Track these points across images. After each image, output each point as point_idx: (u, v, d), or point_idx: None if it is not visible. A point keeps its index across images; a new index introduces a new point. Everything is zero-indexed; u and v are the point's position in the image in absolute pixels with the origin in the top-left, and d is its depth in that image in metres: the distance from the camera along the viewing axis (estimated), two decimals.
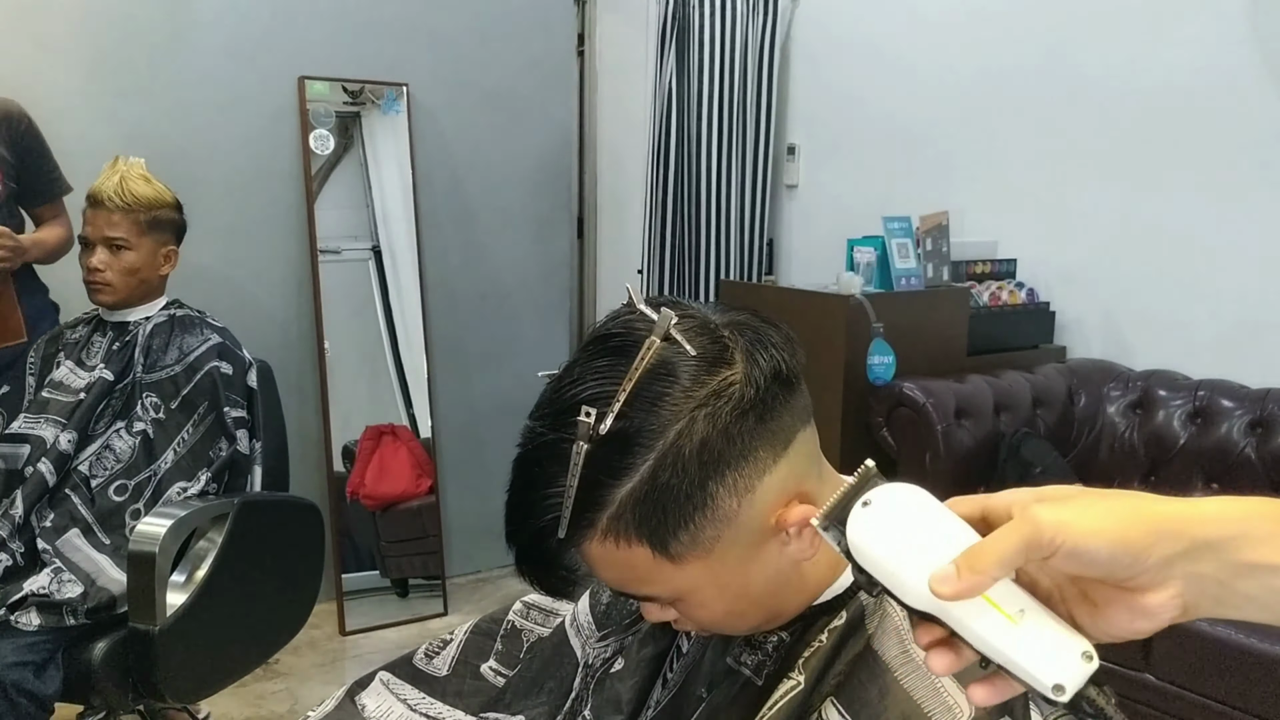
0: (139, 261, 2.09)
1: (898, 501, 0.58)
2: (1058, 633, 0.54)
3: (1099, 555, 0.52)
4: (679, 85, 3.76)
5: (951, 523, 0.57)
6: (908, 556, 0.56)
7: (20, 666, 1.77)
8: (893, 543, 0.57)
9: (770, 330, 0.73)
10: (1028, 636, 0.54)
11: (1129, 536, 0.53)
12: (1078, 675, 0.53)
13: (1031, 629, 0.54)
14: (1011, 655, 0.54)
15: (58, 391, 2.10)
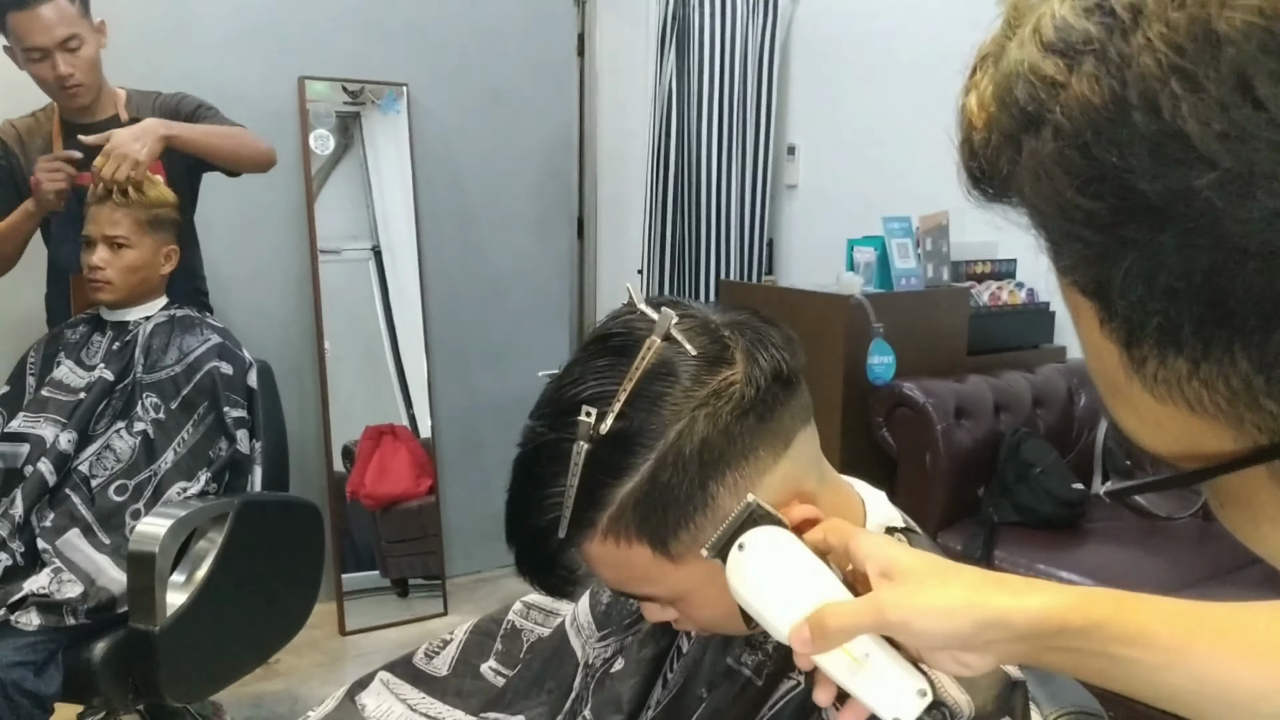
0: (140, 260, 2.10)
1: (769, 548, 0.66)
2: (897, 674, 0.63)
3: (934, 641, 0.62)
4: (679, 85, 3.75)
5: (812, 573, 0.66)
6: (774, 603, 0.65)
7: (20, 666, 1.77)
8: (761, 589, 0.66)
9: (770, 330, 0.73)
10: (871, 677, 0.63)
11: (960, 629, 0.61)
12: (912, 710, 0.63)
13: (874, 670, 0.63)
14: (858, 692, 0.63)
15: (57, 391, 2.10)
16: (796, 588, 0.65)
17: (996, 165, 0.38)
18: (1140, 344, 0.36)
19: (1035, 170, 0.35)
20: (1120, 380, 0.38)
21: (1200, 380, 0.35)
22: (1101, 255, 0.35)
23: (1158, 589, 2.04)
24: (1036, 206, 0.37)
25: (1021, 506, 2.54)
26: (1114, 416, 0.41)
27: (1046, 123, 0.35)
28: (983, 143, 0.39)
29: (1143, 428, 0.39)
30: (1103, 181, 0.33)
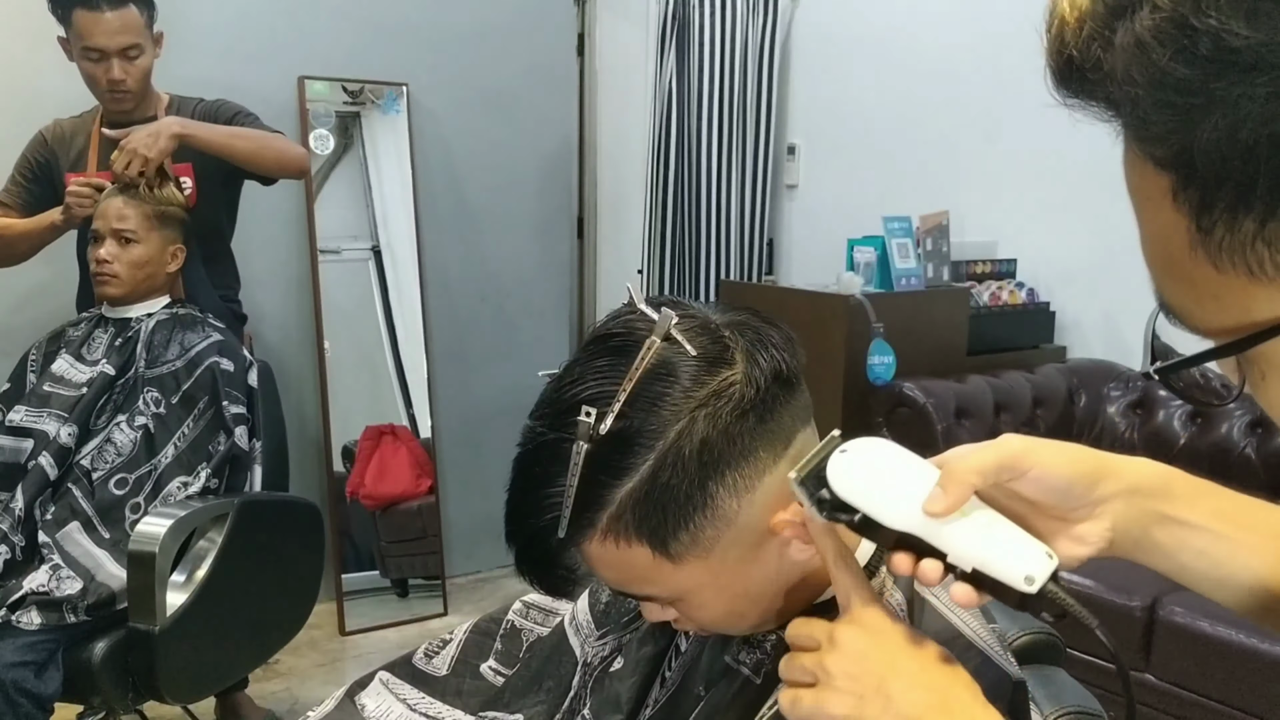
0: (146, 255, 2.11)
1: (871, 447, 0.67)
2: (1022, 537, 0.63)
3: (1059, 481, 0.63)
4: (679, 85, 3.76)
5: (919, 461, 0.67)
6: (890, 486, 0.64)
7: (20, 666, 1.77)
8: (875, 477, 0.65)
9: (771, 330, 0.73)
10: (998, 539, 0.62)
11: (1082, 470, 0.63)
12: (1043, 569, 0.61)
13: (1000, 535, 0.62)
14: (986, 556, 0.61)
15: (59, 386, 2.10)
16: (910, 471, 0.65)
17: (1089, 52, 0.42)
18: (1212, 209, 0.40)
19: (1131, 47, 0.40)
20: (1183, 255, 0.42)
21: (1264, 240, 0.39)
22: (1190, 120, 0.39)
23: (1158, 589, 2.04)
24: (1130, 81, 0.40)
25: None
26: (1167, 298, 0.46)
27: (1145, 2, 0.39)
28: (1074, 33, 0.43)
29: (1198, 303, 0.44)
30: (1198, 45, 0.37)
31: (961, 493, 0.62)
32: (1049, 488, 0.63)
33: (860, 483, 0.64)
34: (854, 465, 0.65)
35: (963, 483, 0.62)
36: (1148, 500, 0.64)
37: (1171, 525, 0.64)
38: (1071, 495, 0.63)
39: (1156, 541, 0.65)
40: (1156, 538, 0.64)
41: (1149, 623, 2.16)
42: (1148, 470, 0.65)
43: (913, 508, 0.63)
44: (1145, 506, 0.64)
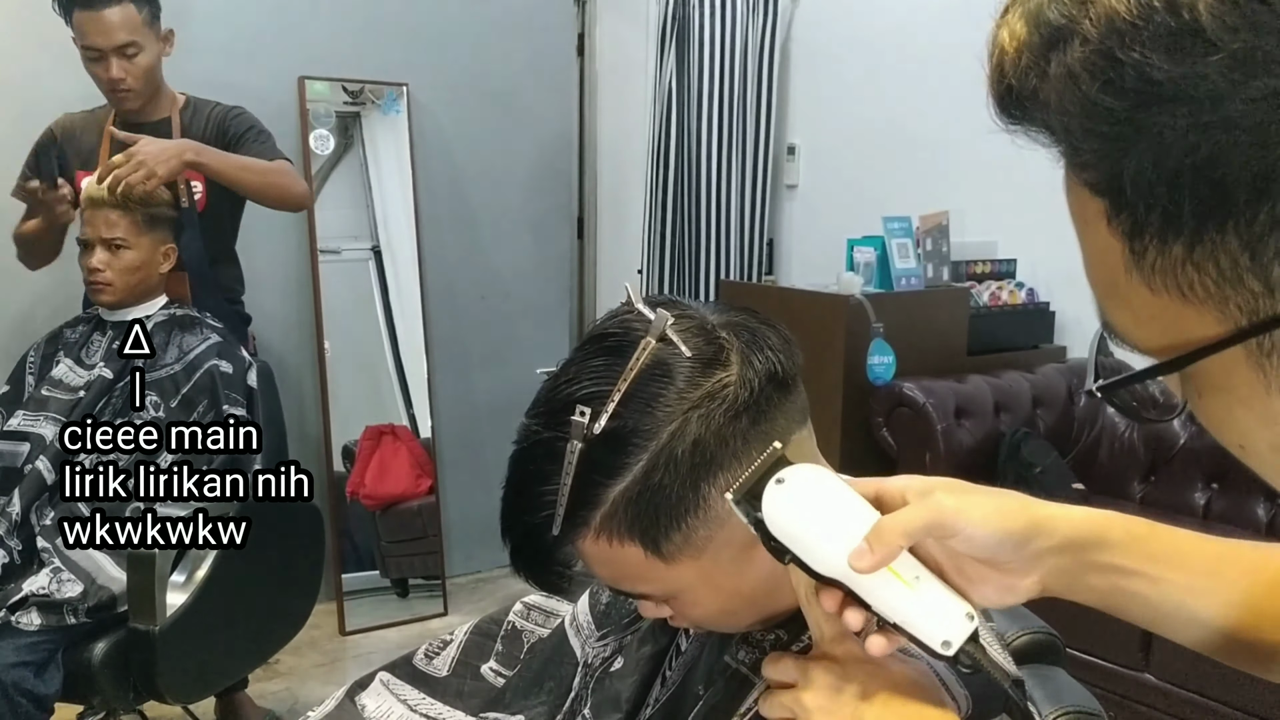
0: (139, 260, 2.10)
1: (808, 480, 0.65)
2: (946, 597, 0.63)
3: (988, 541, 0.63)
4: (679, 85, 3.76)
5: (855, 501, 0.65)
6: (819, 530, 0.63)
7: (21, 667, 1.77)
8: (805, 518, 0.64)
9: (768, 332, 0.73)
10: (921, 601, 0.63)
11: (1013, 528, 0.63)
12: (960, 633, 0.62)
13: (924, 594, 0.63)
14: (907, 616, 0.62)
15: (57, 390, 2.10)
16: (842, 514, 0.64)
17: (1025, 81, 0.43)
18: (1143, 233, 0.41)
19: (1063, 77, 0.41)
20: (1119, 277, 0.44)
21: (1194, 264, 0.40)
22: (1118, 148, 0.40)
23: None
24: (1061, 110, 0.42)
25: None
26: (1108, 318, 0.48)
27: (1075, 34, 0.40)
28: (1013, 63, 0.44)
29: (1135, 323, 0.45)
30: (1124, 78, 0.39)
31: (887, 554, 0.62)
32: (979, 546, 0.63)
33: (793, 521, 0.64)
34: (790, 500, 0.64)
35: (890, 544, 0.62)
36: (1082, 553, 0.64)
37: (1106, 572, 0.65)
38: (1002, 553, 0.63)
39: (1090, 586, 0.66)
40: (1091, 583, 0.65)
41: None
42: (1083, 523, 0.65)
43: (842, 555, 0.63)
44: (1079, 559, 0.64)
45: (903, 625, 0.63)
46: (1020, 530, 0.63)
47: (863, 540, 0.62)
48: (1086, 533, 0.64)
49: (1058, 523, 0.64)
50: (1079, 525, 0.65)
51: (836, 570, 0.63)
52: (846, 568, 0.62)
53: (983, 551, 0.63)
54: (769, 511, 0.64)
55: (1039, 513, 0.64)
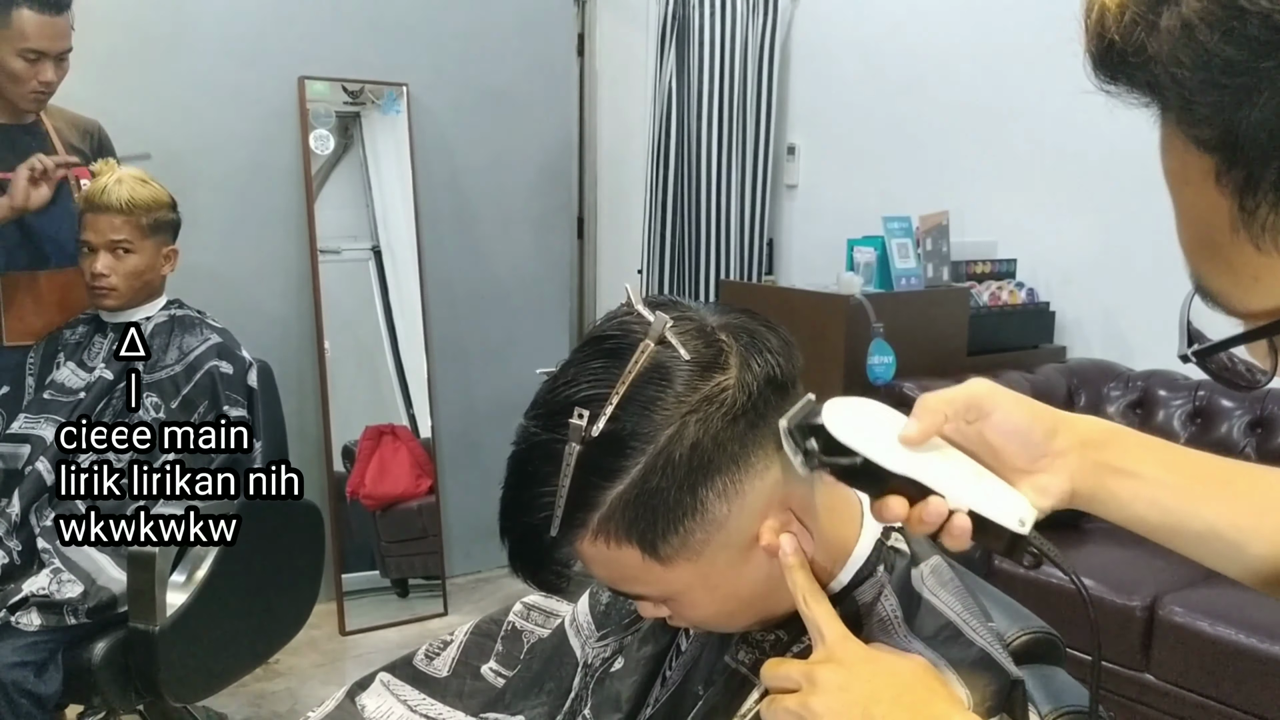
0: (142, 264, 2.10)
1: (856, 403, 0.70)
2: (1007, 487, 0.68)
3: (1019, 425, 0.68)
4: (679, 85, 3.76)
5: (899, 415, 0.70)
6: (881, 436, 0.67)
7: (20, 667, 1.77)
8: (866, 427, 0.68)
9: (767, 334, 0.73)
10: (990, 488, 0.67)
11: (1039, 419, 0.69)
12: (1030, 514, 0.66)
13: (989, 482, 0.68)
14: (979, 499, 0.66)
15: (58, 393, 2.10)
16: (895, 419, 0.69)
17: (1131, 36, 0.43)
18: (1256, 189, 0.41)
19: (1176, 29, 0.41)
20: (1223, 238, 0.43)
21: None
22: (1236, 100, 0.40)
23: (1158, 589, 2.05)
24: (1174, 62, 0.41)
25: None
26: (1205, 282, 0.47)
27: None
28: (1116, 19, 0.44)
29: (1237, 285, 0.44)
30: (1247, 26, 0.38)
31: (934, 420, 0.67)
32: (1010, 431, 0.68)
33: (857, 431, 0.67)
34: (848, 415, 0.68)
35: (934, 411, 0.67)
36: (1099, 452, 0.68)
37: (1124, 477, 0.68)
38: (1031, 442, 0.68)
39: (1112, 492, 0.69)
40: (1111, 488, 0.69)
41: (1149, 622, 2.16)
42: (1097, 425, 0.70)
43: (908, 454, 0.66)
44: (1098, 459, 0.68)
45: (977, 509, 0.65)
46: (1045, 421, 0.68)
47: (910, 417, 0.67)
48: (1102, 434, 0.69)
49: (1077, 421, 0.70)
50: (1095, 427, 0.70)
51: (909, 467, 0.66)
52: (918, 463, 0.66)
53: (1012, 440, 0.68)
54: (834, 425, 0.67)
55: (1060, 413, 0.70)
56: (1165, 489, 0.68)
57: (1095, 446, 0.69)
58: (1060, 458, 0.68)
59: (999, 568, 2.45)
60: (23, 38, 2.16)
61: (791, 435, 0.68)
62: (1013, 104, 3.19)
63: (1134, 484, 0.68)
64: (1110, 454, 0.68)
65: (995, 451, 0.69)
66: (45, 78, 2.20)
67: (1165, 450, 0.70)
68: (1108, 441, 0.69)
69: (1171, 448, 0.71)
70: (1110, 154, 2.97)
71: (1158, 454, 0.70)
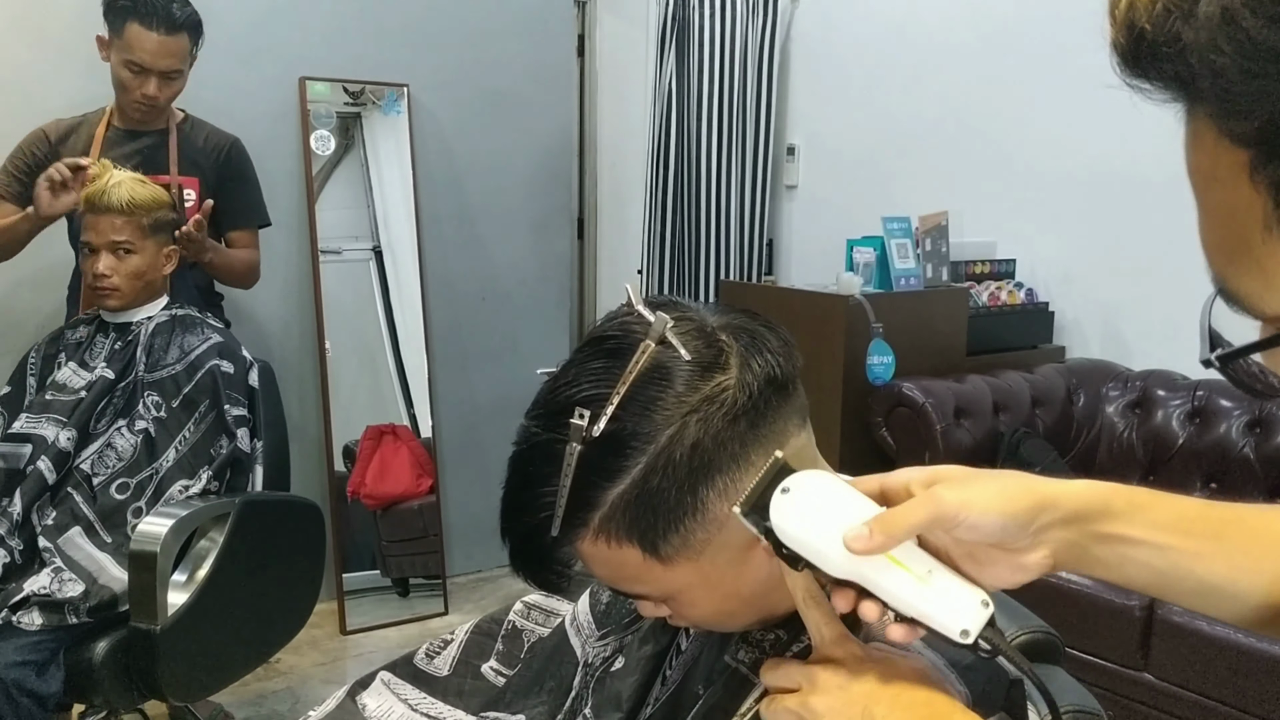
0: (144, 264, 2.10)
1: (813, 487, 0.66)
2: (959, 586, 0.64)
3: (992, 528, 0.63)
4: (679, 85, 3.76)
5: (860, 502, 0.66)
6: (830, 535, 0.64)
7: (22, 666, 1.77)
8: (814, 522, 0.64)
9: (768, 334, 0.73)
10: (935, 592, 0.64)
11: (1016, 510, 0.63)
12: (978, 621, 0.63)
13: (938, 586, 0.64)
14: (924, 609, 0.63)
15: (60, 393, 2.10)
16: (849, 516, 0.64)
17: (1164, 26, 0.41)
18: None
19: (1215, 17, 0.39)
20: (1254, 236, 0.41)
21: None
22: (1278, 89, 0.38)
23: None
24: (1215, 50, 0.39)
25: None
26: (1231, 284, 0.44)
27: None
28: (1148, 8, 0.42)
29: (1268, 288, 0.42)
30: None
31: (886, 543, 0.63)
32: (985, 534, 0.64)
33: (803, 529, 0.65)
34: (797, 508, 0.65)
35: (890, 536, 0.63)
36: (1087, 524, 0.65)
37: (1113, 543, 0.66)
38: (1008, 536, 0.64)
39: (1098, 558, 0.67)
40: (1098, 555, 0.66)
41: (1148, 622, 2.16)
42: (1086, 495, 0.66)
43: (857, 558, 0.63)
44: (1085, 530, 0.65)
45: (920, 619, 0.64)
46: (1025, 511, 0.63)
47: (863, 524, 0.63)
48: (1090, 504, 0.65)
49: (1061, 497, 0.65)
50: (1082, 497, 0.65)
51: (851, 572, 0.64)
52: (860, 568, 0.64)
53: (989, 538, 0.64)
54: (779, 522, 0.65)
55: (1042, 490, 0.64)
56: (1155, 551, 0.66)
57: (1083, 519, 0.66)
58: (1044, 533, 0.65)
59: None
60: (130, 50, 2.29)
61: (748, 517, 0.66)
62: (1012, 104, 3.19)
63: (1122, 548, 0.66)
64: (1098, 524, 0.66)
65: (969, 549, 0.66)
66: (148, 91, 2.33)
67: (1155, 509, 0.67)
68: (1096, 511, 0.66)
69: (1161, 503, 0.67)
70: (1110, 154, 2.97)
71: (1147, 514, 0.67)
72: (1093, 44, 1.83)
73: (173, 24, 2.29)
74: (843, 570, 0.64)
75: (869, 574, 0.64)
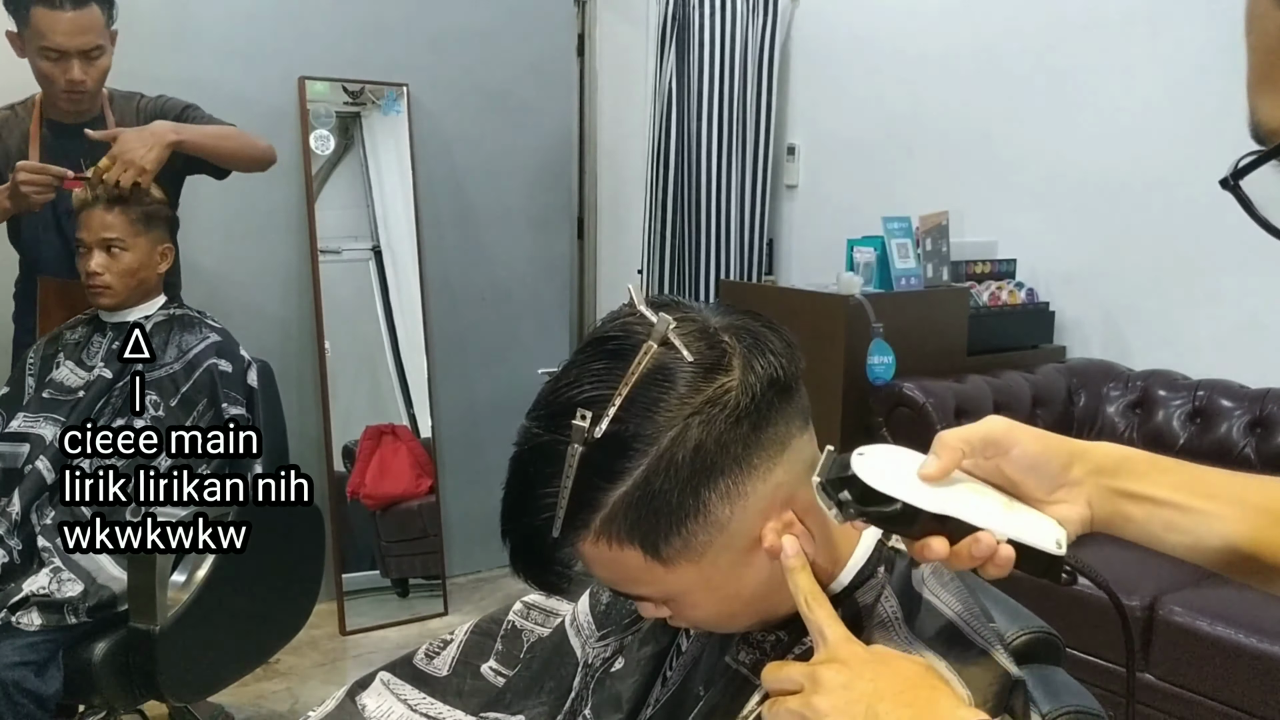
0: (136, 261, 2.09)
1: (882, 450, 0.71)
2: (1037, 514, 0.70)
3: (1037, 460, 0.70)
4: (679, 85, 3.76)
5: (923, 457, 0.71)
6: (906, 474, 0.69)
7: (21, 666, 1.77)
8: (896, 472, 0.69)
9: (770, 335, 0.73)
10: (1020, 516, 0.70)
11: (1055, 452, 0.70)
12: (1063, 534, 0.69)
13: (1020, 511, 0.70)
14: (1016, 529, 0.68)
15: (58, 392, 2.10)
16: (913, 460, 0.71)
17: None
18: None
19: None
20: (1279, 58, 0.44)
21: None
22: None
23: (1158, 589, 2.05)
24: None
25: None
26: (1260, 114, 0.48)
27: None
28: None
29: None
30: None
31: (952, 457, 0.69)
32: (1029, 466, 0.70)
33: (887, 477, 0.68)
34: (875, 463, 0.69)
35: (953, 449, 0.69)
36: (1113, 479, 0.71)
37: (1138, 502, 0.71)
38: (1047, 475, 0.70)
39: (1128, 517, 0.71)
40: (1127, 513, 0.71)
41: (1149, 622, 2.16)
42: (1110, 452, 0.72)
43: (939, 492, 0.68)
44: (1112, 485, 0.71)
45: (1017, 538, 0.68)
46: (1060, 454, 0.70)
47: (930, 454, 0.69)
48: (1114, 460, 0.71)
49: (1089, 450, 0.71)
50: (1109, 452, 0.72)
51: (944, 505, 0.68)
52: (950, 500, 0.68)
53: (1031, 474, 0.70)
54: (867, 475, 0.68)
55: (1073, 442, 0.72)
56: (1181, 512, 0.70)
57: (1109, 474, 0.71)
58: (1077, 487, 0.70)
59: None
60: (40, 36, 2.16)
61: (824, 489, 0.69)
62: (1012, 104, 3.19)
63: (1148, 508, 0.71)
64: (1123, 480, 0.71)
65: (1014, 485, 0.71)
66: (71, 76, 2.19)
67: (1177, 471, 0.72)
68: (1120, 468, 0.71)
69: (1182, 467, 0.72)
70: (1110, 154, 2.97)
71: (1170, 476, 0.71)
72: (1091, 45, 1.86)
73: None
74: (936, 504, 0.68)
75: (961, 505, 0.68)
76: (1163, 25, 2.84)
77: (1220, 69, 2.73)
